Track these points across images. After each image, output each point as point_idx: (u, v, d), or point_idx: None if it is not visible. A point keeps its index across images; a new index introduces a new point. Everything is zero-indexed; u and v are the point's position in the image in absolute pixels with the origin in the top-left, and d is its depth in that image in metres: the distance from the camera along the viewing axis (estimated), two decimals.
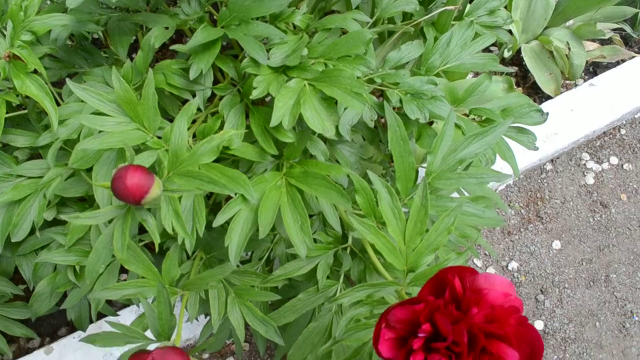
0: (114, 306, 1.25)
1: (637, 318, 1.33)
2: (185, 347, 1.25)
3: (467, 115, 0.95)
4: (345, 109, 0.84)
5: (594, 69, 1.57)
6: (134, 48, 1.39)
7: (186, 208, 0.74)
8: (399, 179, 0.77)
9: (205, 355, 1.24)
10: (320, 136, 0.87)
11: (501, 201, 1.03)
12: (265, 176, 0.76)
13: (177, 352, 0.62)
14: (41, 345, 1.28)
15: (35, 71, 0.79)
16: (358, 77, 0.79)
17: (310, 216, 0.95)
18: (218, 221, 0.71)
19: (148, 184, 0.55)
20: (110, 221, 0.66)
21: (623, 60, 1.53)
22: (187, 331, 1.23)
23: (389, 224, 0.67)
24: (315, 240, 0.86)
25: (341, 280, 0.86)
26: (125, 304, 1.23)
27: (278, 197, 0.73)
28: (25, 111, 0.90)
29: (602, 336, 1.31)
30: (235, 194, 0.73)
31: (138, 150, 0.75)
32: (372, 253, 0.81)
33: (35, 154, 0.92)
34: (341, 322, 0.66)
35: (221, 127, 0.83)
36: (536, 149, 0.92)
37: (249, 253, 1.01)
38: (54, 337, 1.29)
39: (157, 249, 0.60)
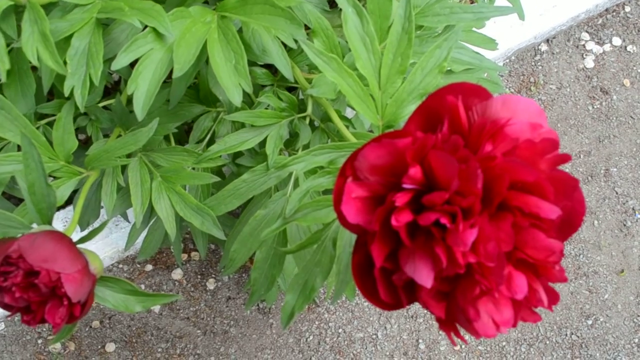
0: None
1: (639, 215, 1.18)
2: (126, 259, 1.07)
3: None
4: None
5: None
6: None
7: (79, 50, 0.54)
8: (372, 13, 0.57)
9: (149, 267, 1.06)
10: None
11: (496, 73, 0.83)
12: (190, 10, 0.56)
13: (54, 237, 0.43)
14: None
15: None
16: None
17: (262, 86, 0.76)
18: (119, 62, 0.50)
19: None
20: None
21: None
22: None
23: (358, 58, 0.48)
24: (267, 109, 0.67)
25: None
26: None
27: (205, 32, 0.53)
28: None
29: (601, 236, 1.16)
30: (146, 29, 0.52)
31: None
32: (337, 119, 0.62)
33: None
34: (293, 195, 0.48)
35: None
36: None
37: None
38: None
39: (4, 77, 0.40)
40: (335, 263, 0.49)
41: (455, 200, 0.31)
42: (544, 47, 1.25)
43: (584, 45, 1.27)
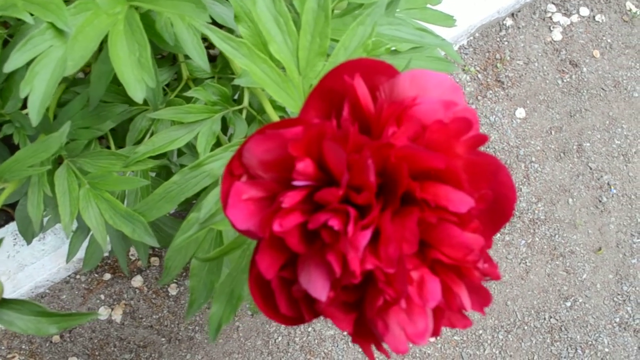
0: None
1: (614, 190, 1.14)
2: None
3: None
4: None
5: None
6: None
7: None
8: None
9: (107, 276, 1.01)
10: None
11: (452, 50, 0.79)
12: (97, 1, 0.51)
13: None
14: None
15: None
16: None
17: (205, 79, 0.71)
18: (12, 63, 0.46)
19: None
20: None
21: None
22: None
23: (271, 41, 0.44)
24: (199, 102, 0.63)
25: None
26: None
27: (109, 24, 0.48)
28: None
29: (576, 214, 1.13)
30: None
31: None
32: (270, 110, 0.58)
33: None
34: (209, 197, 0.43)
35: None
36: None
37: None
38: None
39: None
40: None
41: (351, 197, 0.27)
42: (509, 22, 1.21)
43: (550, 18, 1.23)
